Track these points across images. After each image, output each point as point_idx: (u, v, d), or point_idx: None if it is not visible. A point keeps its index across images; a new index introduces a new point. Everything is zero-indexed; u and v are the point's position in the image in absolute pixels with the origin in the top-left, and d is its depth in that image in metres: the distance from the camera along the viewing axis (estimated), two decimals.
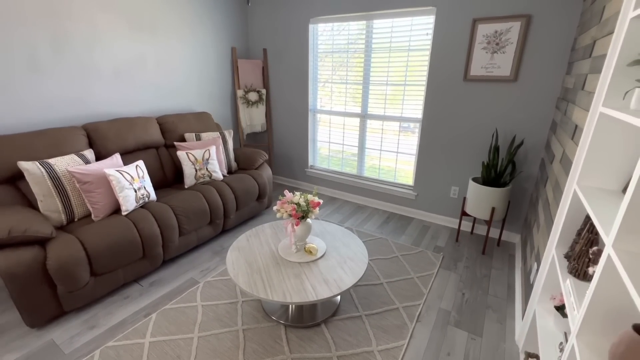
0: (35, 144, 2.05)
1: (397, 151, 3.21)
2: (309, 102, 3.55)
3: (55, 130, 2.15)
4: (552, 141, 2.17)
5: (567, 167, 1.64)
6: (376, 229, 2.92)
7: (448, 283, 2.20)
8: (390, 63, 2.97)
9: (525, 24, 2.29)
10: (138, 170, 2.21)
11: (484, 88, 2.58)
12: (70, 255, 1.76)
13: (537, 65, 2.34)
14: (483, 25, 2.42)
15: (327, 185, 3.74)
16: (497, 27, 2.38)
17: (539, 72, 2.35)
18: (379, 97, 3.15)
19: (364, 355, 1.63)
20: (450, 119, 2.78)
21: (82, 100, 2.42)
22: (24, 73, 2.13)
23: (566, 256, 1.39)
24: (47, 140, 2.09)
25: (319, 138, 3.71)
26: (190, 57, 3.13)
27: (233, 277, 1.69)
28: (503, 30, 2.36)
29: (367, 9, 2.92)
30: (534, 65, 2.35)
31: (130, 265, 2.06)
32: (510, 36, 2.34)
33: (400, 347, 1.69)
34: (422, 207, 3.15)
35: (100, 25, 2.44)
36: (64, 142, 2.14)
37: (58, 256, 1.72)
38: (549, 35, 2.26)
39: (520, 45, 2.33)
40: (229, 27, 3.46)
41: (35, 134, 2.07)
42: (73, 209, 2.03)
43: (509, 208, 2.73)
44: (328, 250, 1.91)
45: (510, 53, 2.38)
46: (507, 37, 2.36)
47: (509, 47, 2.38)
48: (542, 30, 2.27)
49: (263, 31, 3.57)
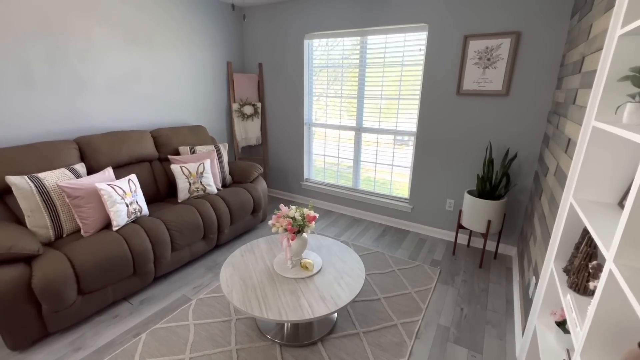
0: (25, 157, 2.00)
1: (392, 164, 3.22)
2: (304, 115, 3.58)
3: (46, 144, 2.11)
4: (546, 154, 2.20)
5: (561, 180, 1.64)
6: (372, 243, 2.91)
7: (446, 298, 2.18)
8: (385, 77, 3.02)
9: (515, 41, 2.34)
10: (130, 184, 2.18)
11: (476, 102, 2.61)
12: (57, 273, 1.69)
13: (528, 80, 2.38)
14: (474, 42, 2.47)
15: (323, 198, 3.74)
16: (487, 43, 2.43)
17: (529, 87, 2.39)
18: (373, 111, 3.18)
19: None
20: (444, 132, 2.80)
21: (76, 113, 2.39)
22: (17, 87, 2.11)
23: (565, 270, 1.38)
24: (37, 154, 2.04)
25: (314, 151, 3.72)
26: (186, 71, 3.14)
27: (227, 294, 1.64)
28: (494, 46, 2.41)
29: (361, 25, 2.97)
30: (525, 80, 2.40)
31: (120, 283, 2.00)
32: (501, 52, 2.39)
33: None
34: (418, 220, 3.15)
35: (95, 39, 2.43)
36: (54, 156, 2.10)
37: (44, 274, 1.66)
38: (538, 51, 2.31)
39: (510, 61, 2.38)
40: (225, 42, 3.49)
41: (25, 147, 2.03)
42: (62, 224, 1.97)
43: (505, 221, 2.73)
44: (324, 266, 1.88)
45: (501, 68, 2.43)
46: (497, 52, 2.41)
47: (499, 63, 2.43)
48: (531, 47, 2.32)
49: (259, 46, 3.61)
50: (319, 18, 3.17)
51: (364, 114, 3.25)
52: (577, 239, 1.39)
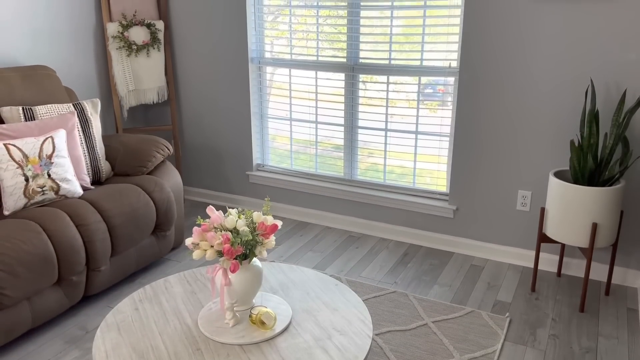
0: None
1: (416, 131, 3.22)
2: (249, 45, 3.55)
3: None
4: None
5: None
6: (385, 277, 2.90)
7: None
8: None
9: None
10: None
11: (565, 8, 2.63)
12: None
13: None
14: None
15: (291, 200, 3.72)
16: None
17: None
18: (379, 34, 3.16)
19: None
20: (509, 68, 2.82)
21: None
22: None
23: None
24: None
25: (270, 114, 3.72)
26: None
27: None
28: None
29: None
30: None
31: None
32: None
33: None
34: (466, 232, 3.16)
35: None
36: None
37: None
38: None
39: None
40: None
41: None
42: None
43: (622, 224, 2.75)
44: (297, 318, 1.89)
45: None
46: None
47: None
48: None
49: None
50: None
51: (361, 40, 3.23)
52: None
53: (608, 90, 2.64)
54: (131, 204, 2.71)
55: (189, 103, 3.88)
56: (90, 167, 2.87)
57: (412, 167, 3.32)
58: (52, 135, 2.61)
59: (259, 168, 3.84)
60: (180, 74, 3.84)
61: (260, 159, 3.83)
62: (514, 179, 2.96)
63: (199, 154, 3.97)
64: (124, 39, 3.55)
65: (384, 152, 3.38)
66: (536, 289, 2.78)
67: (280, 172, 3.77)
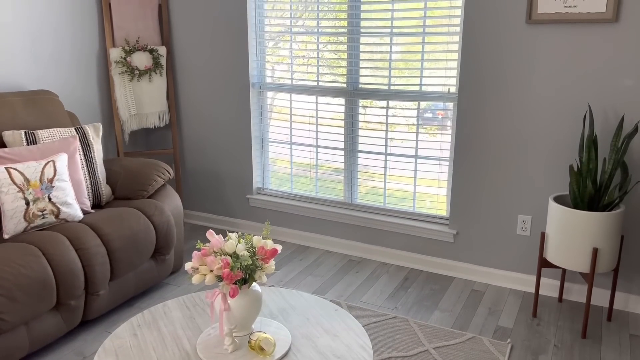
0: None
1: (415, 155, 3.24)
2: (250, 70, 3.58)
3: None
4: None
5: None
6: (386, 302, 2.90)
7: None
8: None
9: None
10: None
11: (562, 35, 2.66)
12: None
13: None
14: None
15: (291, 224, 3.71)
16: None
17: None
18: (378, 59, 3.19)
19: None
20: (508, 94, 2.84)
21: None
22: None
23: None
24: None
25: (271, 138, 3.73)
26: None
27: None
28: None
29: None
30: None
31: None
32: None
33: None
34: (467, 257, 3.15)
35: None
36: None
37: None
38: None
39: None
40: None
41: None
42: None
43: (623, 249, 2.74)
44: (296, 344, 1.88)
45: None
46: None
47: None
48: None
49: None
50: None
51: (360, 65, 3.26)
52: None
53: (606, 116, 2.66)
54: (131, 227, 2.70)
55: (190, 127, 3.88)
56: (90, 190, 2.86)
57: (412, 191, 3.32)
58: (53, 159, 2.61)
59: (259, 191, 3.83)
60: (181, 99, 3.86)
61: (260, 183, 3.83)
62: (513, 203, 2.95)
63: (199, 177, 3.96)
64: (126, 64, 3.58)
65: (384, 175, 3.38)
66: (538, 315, 2.76)
67: (280, 195, 3.76)
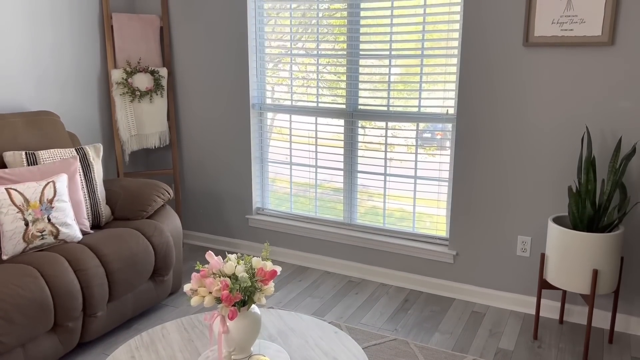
0: None
1: (415, 176, 3.25)
2: (250, 92, 3.60)
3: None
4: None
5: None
6: (386, 324, 2.89)
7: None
8: (395, 18, 3.08)
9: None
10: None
11: (559, 58, 2.69)
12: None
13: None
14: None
15: (290, 244, 3.71)
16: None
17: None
18: (377, 81, 3.21)
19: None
20: (506, 115, 2.86)
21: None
22: None
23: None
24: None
25: (271, 158, 3.74)
26: (19, 5, 3.12)
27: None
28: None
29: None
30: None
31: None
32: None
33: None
34: (467, 278, 3.15)
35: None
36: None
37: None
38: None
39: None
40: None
41: None
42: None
43: (623, 270, 2.74)
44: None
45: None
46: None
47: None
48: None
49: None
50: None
51: (360, 86, 3.28)
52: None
53: (604, 137, 2.67)
54: (130, 248, 2.70)
55: (190, 147, 3.89)
56: (90, 211, 2.87)
57: (411, 211, 3.32)
58: (53, 180, 2.62)
59: (258, 212, 3.83)
60: (182, 119, 3.87)
61: (260, 203, 3.83)
62: (513, 224, 2.95)
63: (199, 197, 3.96)
64: (127, 85, 3.60)
65: (384, 196, 3.38)
66: (538, 337, 2.74)
67: (279, 215, 3.76)
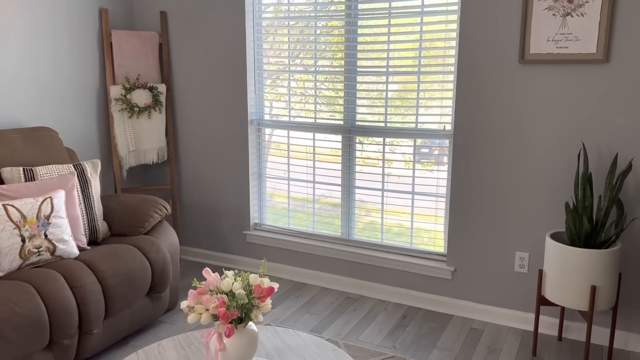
0: None
1: (412, 192, 3.26)
2: (249, 107, 3.61)
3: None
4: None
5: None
6: (384, 340, 2.88)
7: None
8: (392, 35, 3.10)
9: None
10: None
11: (555, 75, 2.71)
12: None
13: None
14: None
15: (288, 260, 3.70)
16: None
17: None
18: (375, 97, 3.23)
19: None
20: (503, 132, 2.87)
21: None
22: None
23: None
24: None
25: (269, 174, 3.74)
26: (17, 22, 3.12)
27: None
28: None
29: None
30: (638, 35, 2.51)
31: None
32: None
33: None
34: (465, 294, 3.13)
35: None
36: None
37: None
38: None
39: (609, 1, 2.50)
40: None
41: None
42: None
43: (621, 286, 2.73)
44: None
45: (593, 15, 2.54)
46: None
47: (590, 6, 2.54)
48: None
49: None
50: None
51: (357, 102, 3.30)
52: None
53: (600, 153, 2.68)
54: (127, 265, 2.69)
55: (188, 163, 3.89)
56: (87, 227, 2.87)
57: (409, 226, 3.31)
58: (51, 196, 2.61)
59: (256, 227, 3.82)
60: (180, 135, 3.88)
61: (257, 218, 3.82)
62: (511, 240, 2.95)
63: (196, 213, 3.95)
64: (126, 101, 3.60)
65: (381, 211, 3.38)
66: (537, 354, 2.72)
67: (277, 231, 3.75)
